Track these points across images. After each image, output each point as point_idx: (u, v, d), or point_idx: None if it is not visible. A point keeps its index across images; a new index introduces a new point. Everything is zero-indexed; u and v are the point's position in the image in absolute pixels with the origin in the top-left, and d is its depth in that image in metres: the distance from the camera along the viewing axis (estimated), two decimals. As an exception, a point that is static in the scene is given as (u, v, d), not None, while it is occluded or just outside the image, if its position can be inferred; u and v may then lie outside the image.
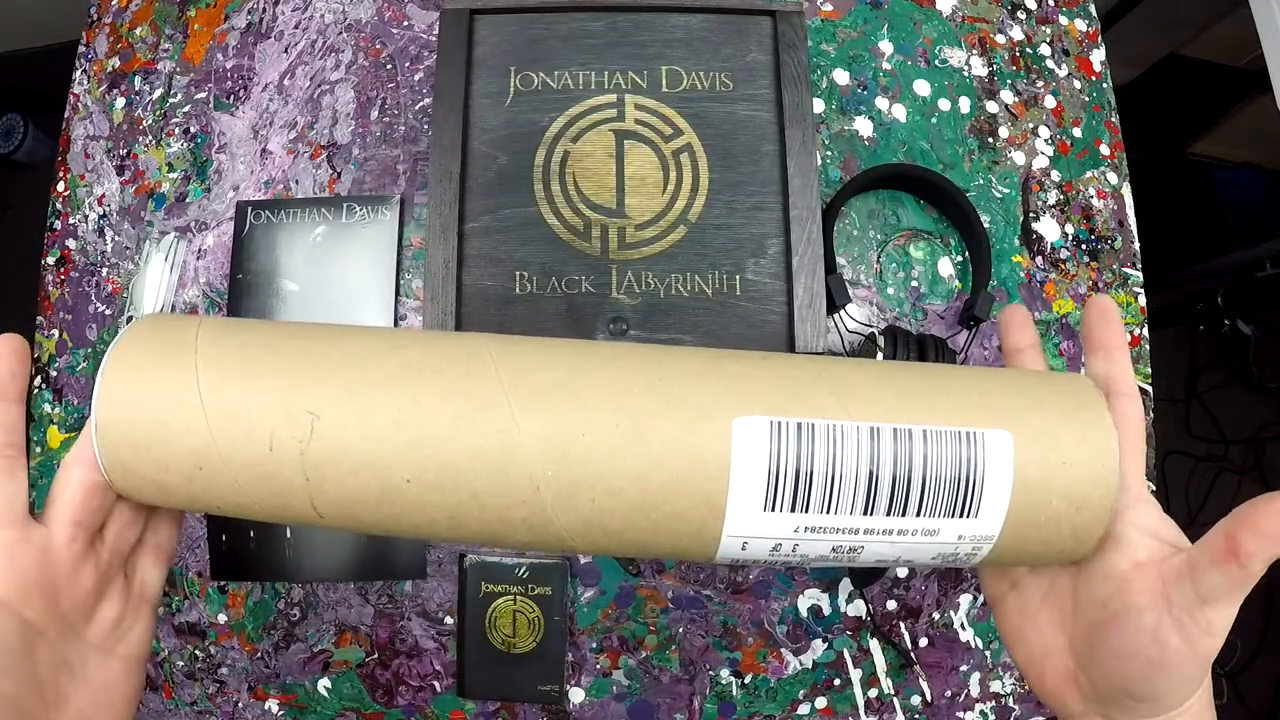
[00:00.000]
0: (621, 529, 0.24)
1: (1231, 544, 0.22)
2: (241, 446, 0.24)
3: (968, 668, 0.57)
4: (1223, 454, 1.46)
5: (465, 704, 0.56)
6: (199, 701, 0.57)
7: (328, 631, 0.57)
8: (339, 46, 0.64)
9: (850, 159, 0.61)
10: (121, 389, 0.24)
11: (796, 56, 0.53)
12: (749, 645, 0.56)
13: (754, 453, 0.24)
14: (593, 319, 0.50)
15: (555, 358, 0.26)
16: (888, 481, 0.24)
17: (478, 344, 0.26)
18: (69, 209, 0.63)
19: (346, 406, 0.24)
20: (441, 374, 0.25)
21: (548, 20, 0.54)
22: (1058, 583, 0.28)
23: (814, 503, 0.24)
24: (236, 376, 0.25)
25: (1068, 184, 0.62)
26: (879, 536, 0.25)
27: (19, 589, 0.24)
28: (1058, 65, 0.65)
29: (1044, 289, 0.60)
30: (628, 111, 0.53)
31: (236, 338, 0.26)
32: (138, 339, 0.25)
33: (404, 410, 0.24)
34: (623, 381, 0.25)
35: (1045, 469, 0.24)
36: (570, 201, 0.51)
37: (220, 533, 0.57)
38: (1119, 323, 0.28)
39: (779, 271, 0.51)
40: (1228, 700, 1.33)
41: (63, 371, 0.61)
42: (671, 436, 0.24)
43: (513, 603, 0.55)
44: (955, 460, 0.24)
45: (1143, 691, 0.24)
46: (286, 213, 0.60)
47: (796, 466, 0.24)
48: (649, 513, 0.24)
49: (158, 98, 0.64)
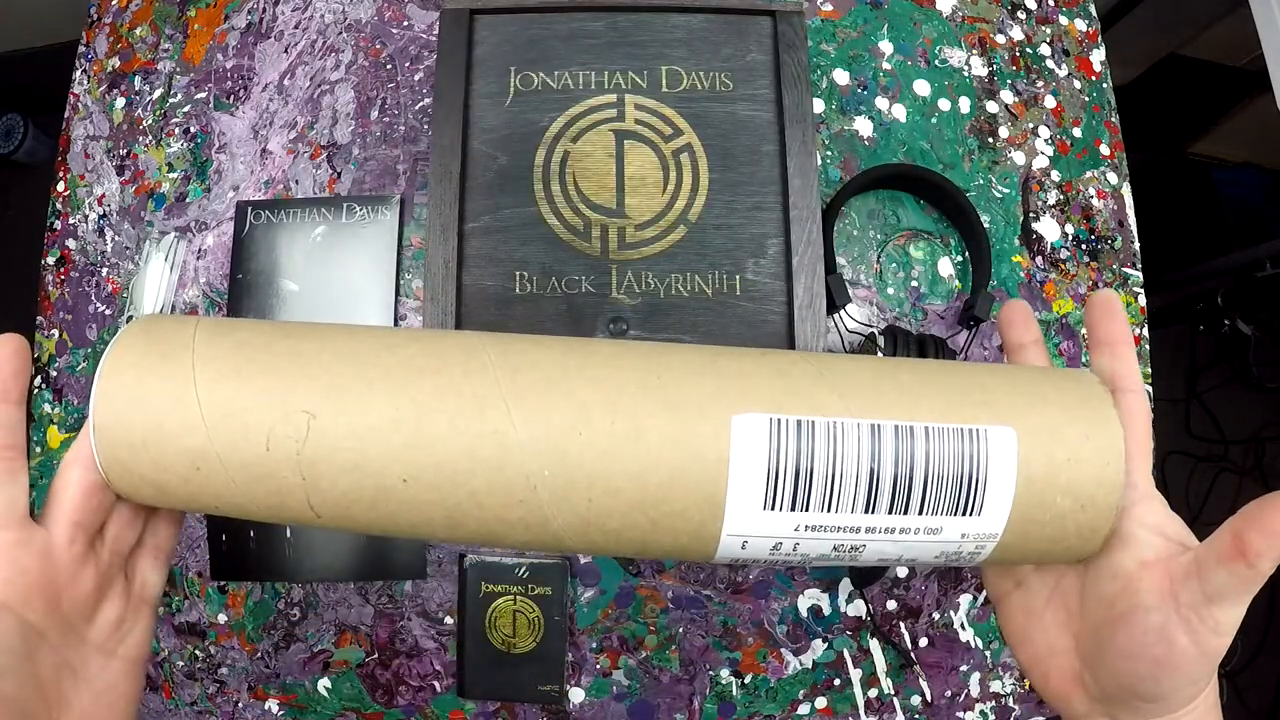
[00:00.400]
0: (620, 528, 0.24)
1: (1239, 543, 0.22)
2: (238, 446, 0.24)
3: (968, 668, 0.57)
4: (1223, 454, 1.46)
5: (465, 704, 0.56)
6: (199, 701, 0.57)
7: (328, 631, 0.57)
8: (339, 46, 0.64)
9: (850, 159, 0.61)
10: (119, 389, 0.24)
11: (796, 56, 0.53)
12: (749, 645, 0.56)
13: (753, 450, 0.24)
14: (593, 319, 0.50)
15: (552, 356, 0.26)
16: (889, 479, 0.24)
17: (475, 343, 0.26)
18: (69, 209, 0.63)
19: (343, 405, 0.24)
20: (439, 373, 0.25)
21: (548, 20, 0.54)
22: (1064, 581, 0.28)
23: (814, 501, 0.24)
24: (233, 376, 0.25)
25: (1068, 184, 0.62)
26: (881, 535, 0.25)
27: (20, 591, 0.24)
28: (1058, 65, 0.65)
29: (1044, 289, 0.60)
30: (628, 111, 0.53)
31: (233, 337, 0.26)
32: (134, 340, 0.25)
33: (401, 410, 0.24)
34: (620, 379, 0.25)
35: (1050, 466, 0.24)
36: (570, 201, 0.51)
37: (220, 533, 0.57)
38: (1124, 317, 0.28)
39: (779, 271, 0.51)
40: (1228, 700, 1.32)
41: (63, 371, 0.61)
42: (669, 435, 0.24)
43: (513, 603, 0.55)
44: (958, 457, 0.24)
45: (1149, 691, 0.24)
46: (286, 213, 0.60)
47: (796, 464, 0.24)
48: (647, 511, 0.24)
49: (158, 98, 0.64)
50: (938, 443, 0.24)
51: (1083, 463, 0.24)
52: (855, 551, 0.25)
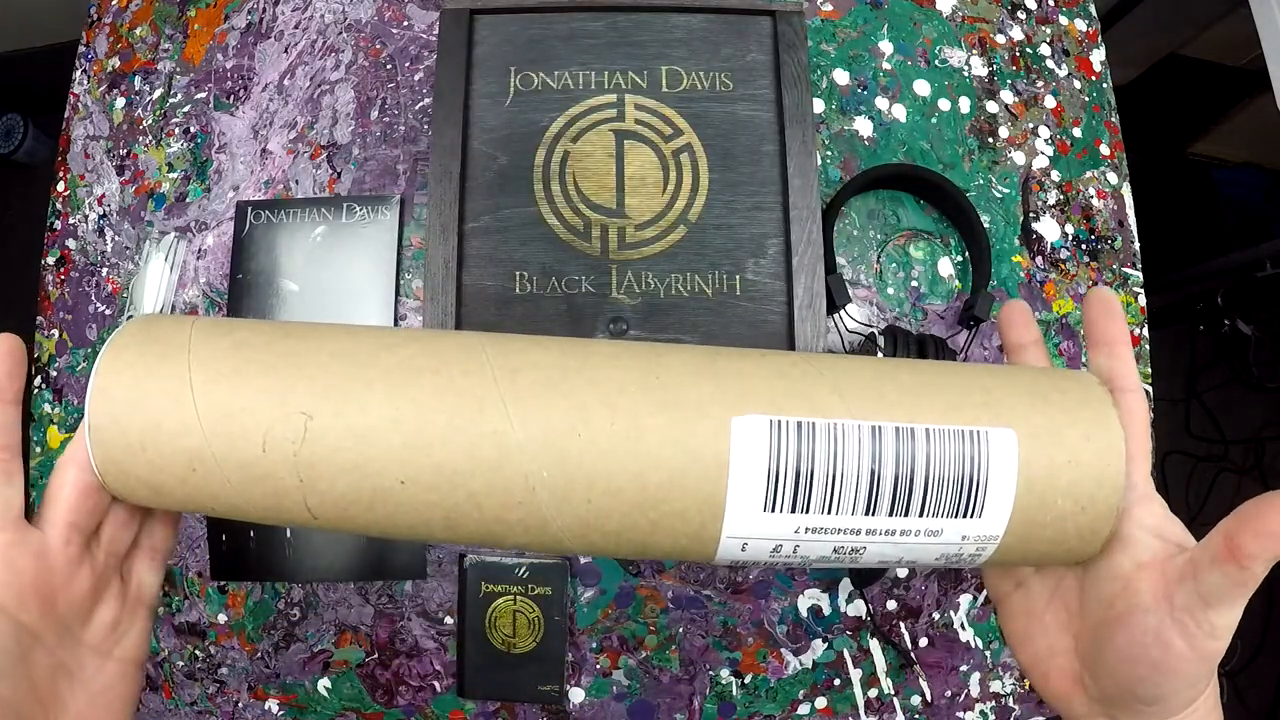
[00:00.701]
0: (619, 529, 0.24)
1: (1231, 544, 0.22)
2: (235, 447, 0.24)
3: (968, 668, 0.57)
4: (1223, 454, 1.46)
5: (465, 704, 0.56)
6: (199, 701, 0.57)
7: (328, 631, 0.57)
8: (339, 46, 0.64)
9: (850, 159, 0.61)
10: (114, 389, 0.24)
11: (796, 56, 0.53)
12: (749, 645, 0.56)
13: (753, 452, 0.24)
14: (593, 319, 0.50)
15: (551, 357, 0.25)
16: (890, 481, 0.24)
17: (474, 343, 0.26)
18: (69, 209, 0.63)
19: (341, 406, 0.24)
20: (438, 374, 0.25)
21: (548, 20, 0.54)
22: (1064, 583, 0.28)
23: (815, 503, 0.24)
24: (230, 377, 0.24)
25: (1068, 184, 0.62)
26: (881, 537, 0.25)
27: (15, 592, 0.24)
28: (1058, 65, 0.65)
29: (1044, 289, 0.60)
30: (628, 111, 0.53)
31: (230, 337, 0.26)
32: (131, 339, 0.25)
33: (400, 410, 0.24)
34: (619, 380, 0.25)
35: (1050, 468, 0.24)
36: (570, 201, 0.51)
37: (220, 533, 0.57)
38: (1122, 316, 0.28)
39: (779, 271, 0.51)
40: (1228, 700, 1.33)
41: (63, 371, 0.61)
42: (669, 435, 0.24)
43: (513, 603, 0.55)
44: (958, 459, 0.24)
45: (1148, 694, 0.24)
46: (286, 213, 0.60)
47: (797, 466, 0.24)
48: (647, 512, 0.24)
49: (158, 98, 0.64)
50: (938, 445, 0.24)
51: (1083, 465, 0.24)
52: (855, 554, 0.25)
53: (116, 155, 0.64)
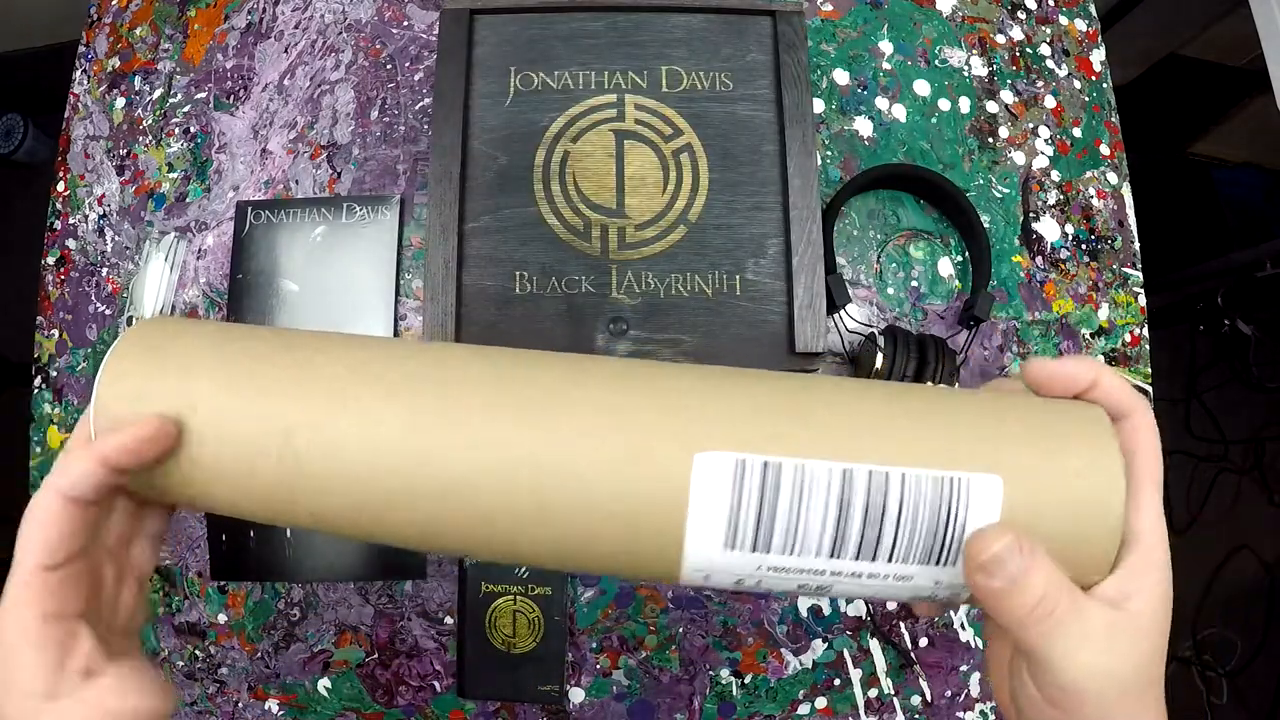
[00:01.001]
0: (584, 553, 0.24)
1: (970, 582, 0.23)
2: (238, 454, 0.24)
3: (968, 668, 0.57)
4: (1223, 454, 1.46)
5: (465, 704, 0.56)
6: (199, 701, 0.57)
7: (328, 631, 0.57)
8: (339, 46, 0.64)
9: (850, 159, 0.61)
10: (119, 395, 0.25)
11: (796, 56, 0.53)
12: (749, 645, 0.56)
13: (715, 490, 0.23)
14: (593, 319, 0.50)
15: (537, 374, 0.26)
16: (857, 526, 0.23)
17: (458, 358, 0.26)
18: (69, 209, 0.63)
19: (342, 416, 0.24)
20: (435, 388, 0.25)
21: (548, 20, 0.54)
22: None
23: (775, 545, 0.23)
24: (233, 384, 0.25)
25: (1068, 184, 0.62)
26: (848, 578, 0.24)
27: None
28: (1058, 65, 0.65)
29: (1044, 289, 0.60)
30: (628, 111, 0.53)
31: (234, 345, 0.26)
32: (135, 344, 0.26)
33: (414, 417, 0.24)
34: (594, 402, 0.24)
35: (1036, 515, 0.23)
36: (570, 201, 0.51)
37: (220, 533, 0.57)
38: (1067, 360, 0.25)
39: (779, 271, 0.51)
40: (1228, 700, 1.32)
41: (62, 371, 0.61)
42: (633, 470, 0.23)
43: (513, 603, 0.55)
44: (934, 507, 0.23)
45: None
46: (286, 213, 0.60)
47: (759, 509, 0.23)
48: (610, 542, 0.24)
49: (158, 98, 0.64)
50: (914, 490, 0.23)
51: (1074, 517, 0.23)
52: (821, 590, 0.25)
53: (116, 155, 0.64)
